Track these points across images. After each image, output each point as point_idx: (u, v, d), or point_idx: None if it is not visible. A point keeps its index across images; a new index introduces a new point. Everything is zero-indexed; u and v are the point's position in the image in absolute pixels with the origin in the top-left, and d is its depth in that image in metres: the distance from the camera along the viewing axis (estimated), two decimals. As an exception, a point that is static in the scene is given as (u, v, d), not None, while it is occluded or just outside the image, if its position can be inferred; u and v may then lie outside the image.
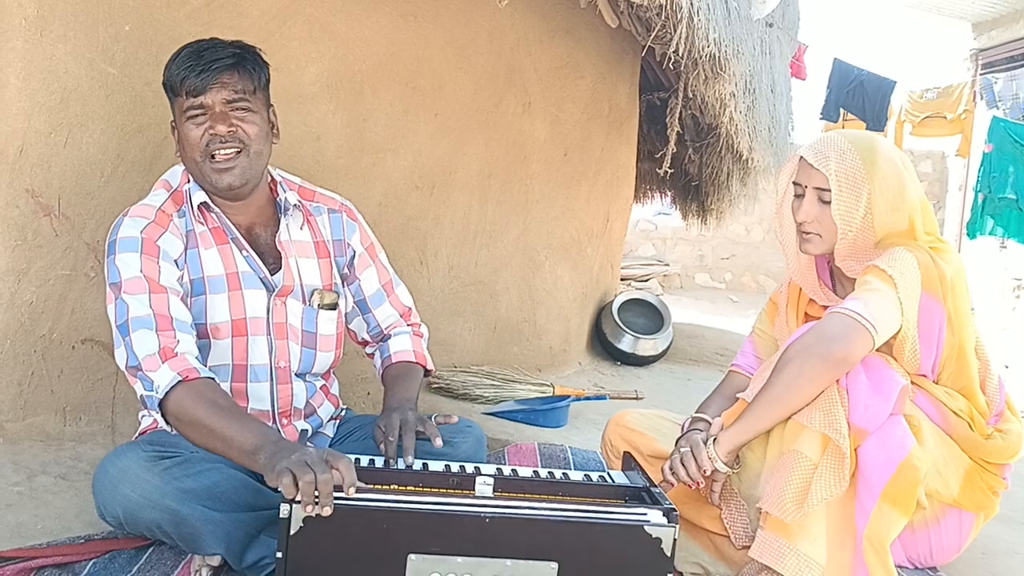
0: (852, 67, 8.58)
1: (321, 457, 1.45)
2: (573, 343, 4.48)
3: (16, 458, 2.21)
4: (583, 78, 4.03)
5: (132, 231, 1.80)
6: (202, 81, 1.77)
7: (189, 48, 1.82)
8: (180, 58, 1.82)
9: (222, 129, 1.79)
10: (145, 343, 1.69)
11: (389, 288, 2.12)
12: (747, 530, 1.90)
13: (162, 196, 1.90)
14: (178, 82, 1.80)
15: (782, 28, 4.11)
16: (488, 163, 3.58)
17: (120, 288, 1.75)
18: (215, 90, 1.78)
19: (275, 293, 1.91)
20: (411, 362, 2.06)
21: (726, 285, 10.88)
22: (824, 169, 1.90)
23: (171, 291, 1.78)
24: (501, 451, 2.70)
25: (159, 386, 1.65)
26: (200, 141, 1.81)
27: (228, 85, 1.79)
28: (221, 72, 1.78)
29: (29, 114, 2.20)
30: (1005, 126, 7.74)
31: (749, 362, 2.21)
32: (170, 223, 1.85)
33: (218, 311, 1.86)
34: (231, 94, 1.80)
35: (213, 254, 1.88)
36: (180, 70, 1.79)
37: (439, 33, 3.20)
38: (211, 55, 1.79)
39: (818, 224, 1.95)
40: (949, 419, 1.92)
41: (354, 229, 2.08)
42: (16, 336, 2.26)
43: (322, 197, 2.07)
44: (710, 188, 5.18)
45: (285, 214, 1.95)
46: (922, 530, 1.96)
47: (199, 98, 1.78)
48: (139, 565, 1.75)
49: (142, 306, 1.73)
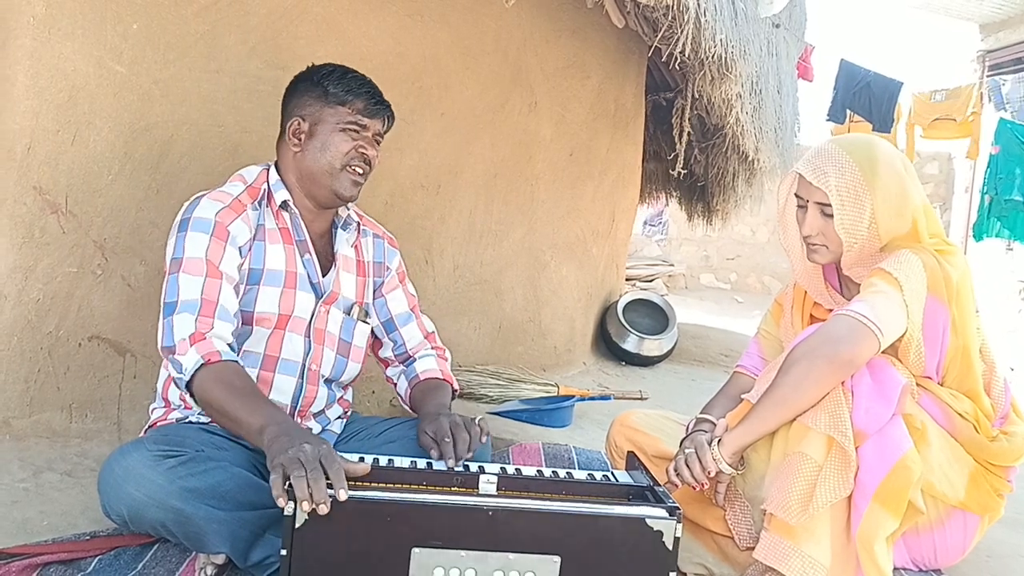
0: (859, 68, 8.56)
1: (316, 456, 1.47)
2: (578, 343, 4.48)
3: (22, 455, 2.21)
4: (589, 78, 4.04)
5: (208, 212, 1.89)
6: (376, 109, 2.01)
7: (357, 73, 2.03)
8: (354, 78, 2.01)
9: (372, 153, 2.02)
10: (183, 327, 1.77)
11: (416, 311, 2.23)
12: (751, 531, 1.90)
13: (239, 187, 1.99)
14: (352, 98, 1.98)
15: (789, 29, 4.11)
16: (494, 163, 3.58)
17: (180, 265, 1.83)
18: (380, 121, 2.03)
19: (323, 299, 2.01)
20: (439, 379, 2.14)
21: (731, 286, 10.88)
22: (824, 186, 1.89)
23: (227, 278, 1.86)
24: (505, 451, 2.70)
25: (186, 368, 1.73)
26: (347, 153, 1.98)
27: (386, 121, 2.06)
28: (388, 110, 2.05)
29: (37, 112, 2.21)
30: (1012, 128, 7.72)
31: (754, 363, 2.20)
32: (244, 212, 1.95)
33: (268, 302, 1.93)
34: (383, 128, 2.06)
35: (278, 250, 1.98)
36: (359, 89, 1.99)
37: (445, 33, 3.20)
38: (380, 92, 2.04)
39: (823, 237, 1.94)
40: (954, 421, 1.91)
41: (394, 255, 2.23)
42: (23, 333, 2.26)
43: (368, 222, 2.22)
44: (716, 189, 5.19)
45: (345, 228, 2.11)
46: (926, 532, 1.95)
47: (366, 120, 2.00)
48: (144, 562, 1.75)
49: (194, 289, 1.81)
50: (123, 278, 2.40)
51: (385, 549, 1.48)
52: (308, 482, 1.42)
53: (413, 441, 1.92)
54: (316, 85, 2.00)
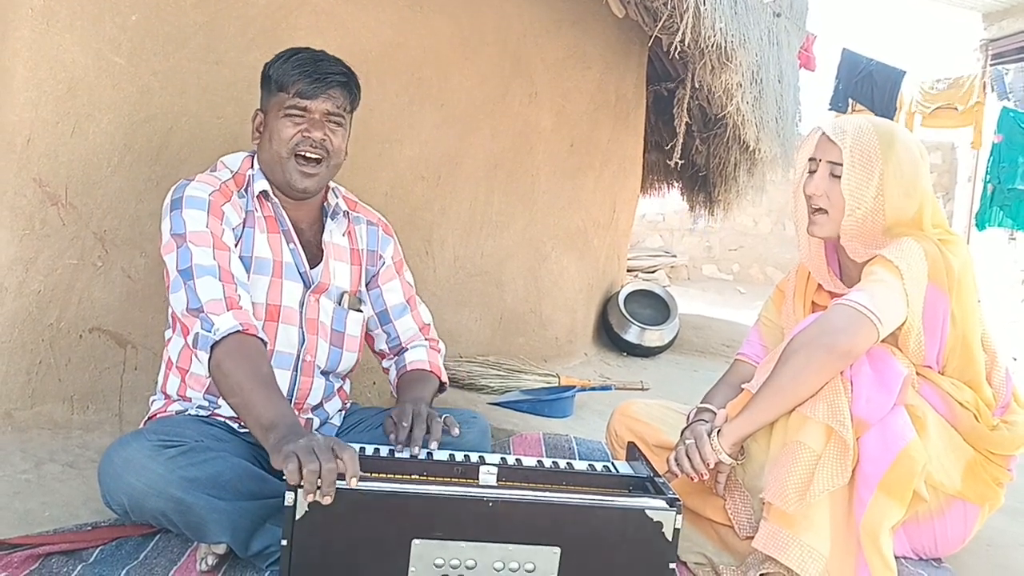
0: (861, 57, 8.54)
1: (328, 446, 1.47)
2: (579, 334, 4.48)
3: (24, 446, 2.22)
4: (590, 68, 4.02)
5: (200, 192, 1.87)
6: (314, 89, 1.89)
7: (303, 53, 1.93)
8: (295, 59, 1.91)
9: (317, 135, 1.90)
10: (210, 288, 1.75)
11: (412, 303, 2.19)
12: (751, 521, 1.90)
13: (226, 174, 1.97)
14: (289, 82, 1.89)
15: (790, 18, 4.09)
16: (494, 154, 3.58)
17: (185, 237, 1.81)
18: (321, 100, 1.90)
19: (311, 289, 1.98)
20: (425, 371, 2.11)
21: (733, 276, 10.87)
22: (840, 142, 1.90)
23: (232, 252, 1.85)
24: (506, 441, 2.71)
25: (218, 329, 1.70)
26: (291, 140, 1.90)
27: (333, 99, 1.92)
28: (332, 86, 1.91)
29: (36, 104, 2.21)
30: (1015, 116, 7.69)
31: (755, 351, 2.20)
32: (232, 196, 1.93)
33: (258, 291, 1.91)
34: (333, 107, 1.92)
35: (265, 239, 1.95)
36: (295, 71, 1.89)
37: (445, 23, 3.19)
38: (326, 67, 1.91)
39: (826, 199, 1.94)
40: (955, 410, 1.91)
41: (388, 243, 2.18)
42: (24, 325, 2.27)
43: (363, 209, 2.17)
44: (717, 179, 5.17)
45: (333, 218, 2.05)
46: (927, 521, 1.96)
47: (305, 102, 1.89)
48: (146, 552, 1.76)
49: (207, 256, 1.79)
50: (123, 270, 2.40)
51: (385, 540, 1.49)
52: (321, 472, 1.42)
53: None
54: (264, 74, 1.96)
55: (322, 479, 1.42)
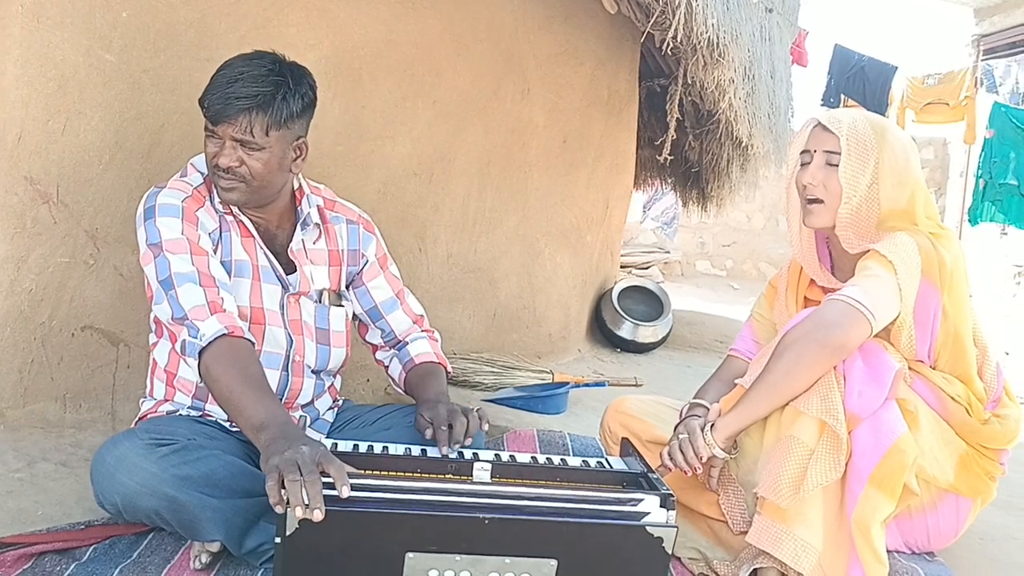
0: (853, 52, 8.55)
1: (313, 459, 1.42)
2: (572, 330, 4.48)
3: (17, 445, 2.21)
4: (582, 64, 4.02)
5: (172, 199, 1.84)
6: (215, 114, 1.79)
7: (226, 71, 1.81)
8: (216, 76, 1.82)
9: (224, 162, 1.81)
10: (191, 296, 1.73)
11: (401, 296, 2.16)
12: (745, 515, 1.91)
13: (197, 178, 1.93)
14: (204, 100, 1.81)
15: (782, 13, 4.09)
16: (487, 150, 3.58)
17: (161, 247, 1.78)
18: (225, 125, 1.79)
19: (289, 293, 1.96)
20: (434, 363, 2.11)
21: (727, 272, 10.89)
22: (836, 131, 1.92)
23: (211, 255, 1.82)
24: (500, 437, 2.70)
25: (204, 334, 1.69)
26: (212, 158, 1.84)
27: (238, 126, 1.79)
28: (238, 112, 1.78)
29: (27, 101, 2.20)
30: (1006, 111, 7.71)
31: (747, 346, 2.21)
32: (206, 201, 1.90)
33: (241, 294, 1.89)
34: (239, 134, 1.79)
35: (240, 242, 1.92)
36: (209, 90, 1.81)
37: (437, 20, 3.19)
38: (237, 90, 1.77)
39: (823, 188, 1.94)
40: (947, 404, 1.92)
41: (370, 240, 2.13)
42: (16, 323, 2.26)
43: (342, 208, 2.12)
44: (710, 175, 5.17)
45: (304, 229, 1.99)
46: (919, 515, 1.96)
47: (212, 125, 1.81)
48: (139, 551, 1.76)
49: (185, 263, 1.77)
50: (115, 268, 2.39)
51: (379, 553, 1.47)
52: (304, 485, 1.37)
53: (408, 428, 1.92)
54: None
55: (307, 492, 1.37)
